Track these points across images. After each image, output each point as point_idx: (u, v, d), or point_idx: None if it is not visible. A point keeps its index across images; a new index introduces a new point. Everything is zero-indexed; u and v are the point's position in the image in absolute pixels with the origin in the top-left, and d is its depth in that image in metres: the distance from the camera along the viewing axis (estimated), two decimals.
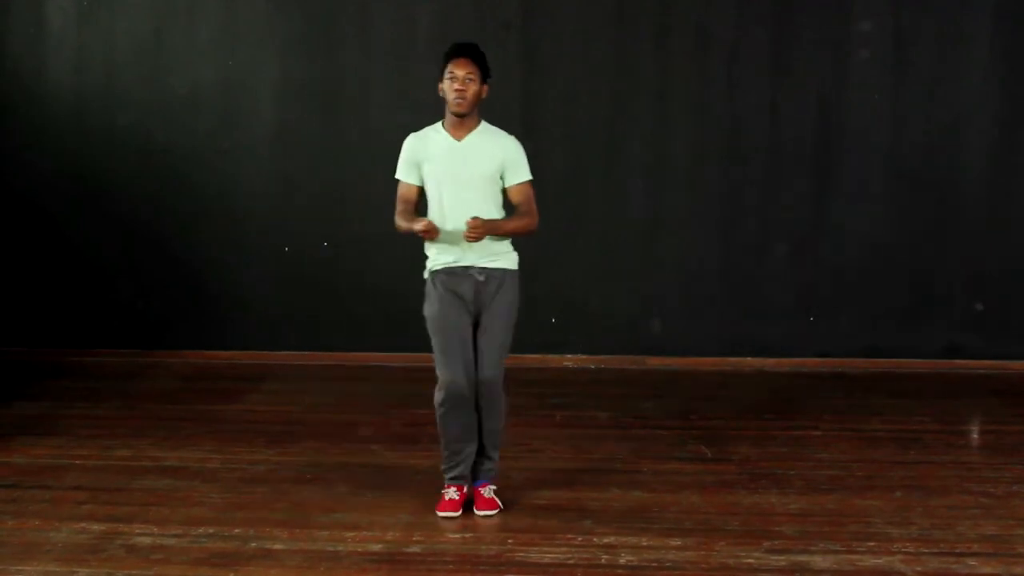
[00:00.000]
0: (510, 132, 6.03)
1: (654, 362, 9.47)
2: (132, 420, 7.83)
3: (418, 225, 5.77)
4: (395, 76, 9.59)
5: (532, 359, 9.47)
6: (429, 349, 9.52)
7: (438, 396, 6.01)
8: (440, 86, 6.04)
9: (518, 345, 9.47)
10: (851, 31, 9.32)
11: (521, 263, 9.35)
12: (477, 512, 5.92)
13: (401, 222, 5.99)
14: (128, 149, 9.74)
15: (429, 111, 9.51)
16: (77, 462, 6.83)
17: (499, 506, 5.96)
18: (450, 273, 5.91)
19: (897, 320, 9.46)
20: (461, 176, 5.90)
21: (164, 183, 9.74)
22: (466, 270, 5.90)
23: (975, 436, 7.81)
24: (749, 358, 9.48)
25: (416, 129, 9.70)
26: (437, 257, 5.96)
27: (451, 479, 6.02)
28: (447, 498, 5.96)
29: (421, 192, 6.06)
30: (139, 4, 9.70)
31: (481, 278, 5.92)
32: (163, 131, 9.72)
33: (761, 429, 7.54)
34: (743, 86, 9.41)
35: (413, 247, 9.59)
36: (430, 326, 6.00)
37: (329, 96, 9.67)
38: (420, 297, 9.51)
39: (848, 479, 6.46)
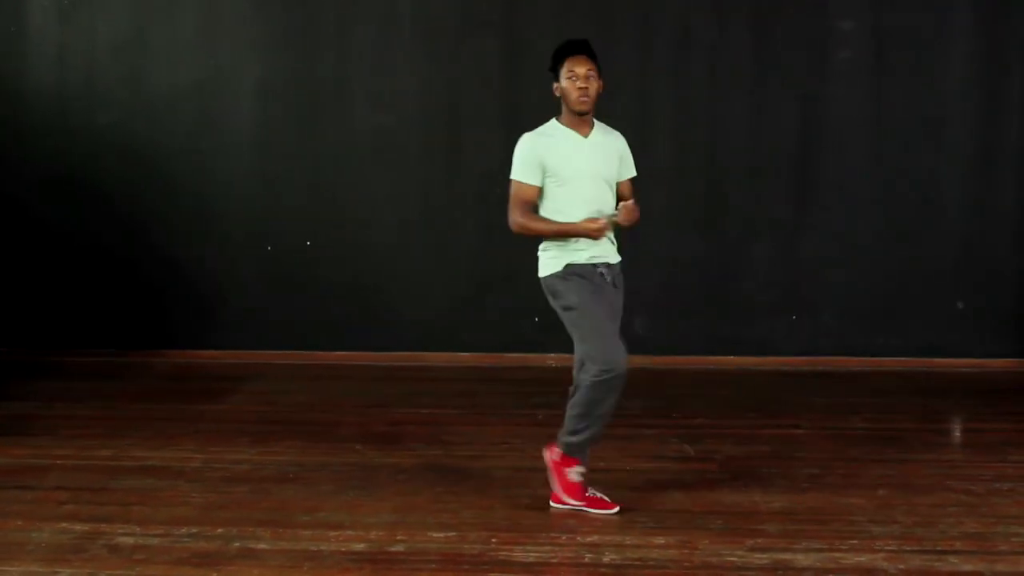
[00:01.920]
0: (490, 131, 6.01)
1: (636, 361, 9.29)
2: (114, 420, 7.81)
3: (596, 224, 5.72)
4: (376, 76, 9.60)
5: (514, 358, 9.49)
6: (411, 348, 9.65)
7: (601, 376, 5.86)
8: (556, 86, 5.93)
9: (499, 344, 9.57)
10: (831, 31, 9.35)
11: (506, 262, 9.40)
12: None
13: (549, 226, 5.83)
14: (110, 148, 9.73)
15: (410, 110, 9.60)
16: (59, 462, 6.80)
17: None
18: (586, 267, 5.83)
19: (878, 319, 9.49)
20: (599, 173, 5.89)
21: (146, 182, 9.74)
22: (595, 267, 5.84)
23: (956, 434, 7.84)
24: (731, 357, 9.50)
25: (396, 127, 9.77)
26: (573, 254, 5.84)
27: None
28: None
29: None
30: (120, 3, 9.70)
31: (608, 277, 5.88)
32: (145, 130, 9.71)
33: (743, 428, 7.55)
34: (724, 85, 9.44)
35: (392, 247, 9.67)
36: (578, 313, 5.86)
37: (310, 95, 9.67)
38: (400, 296, 9.63)
39: (830, 477, 6.47)
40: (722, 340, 9.55)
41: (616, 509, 5.86)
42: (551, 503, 5.94)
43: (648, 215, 9.48)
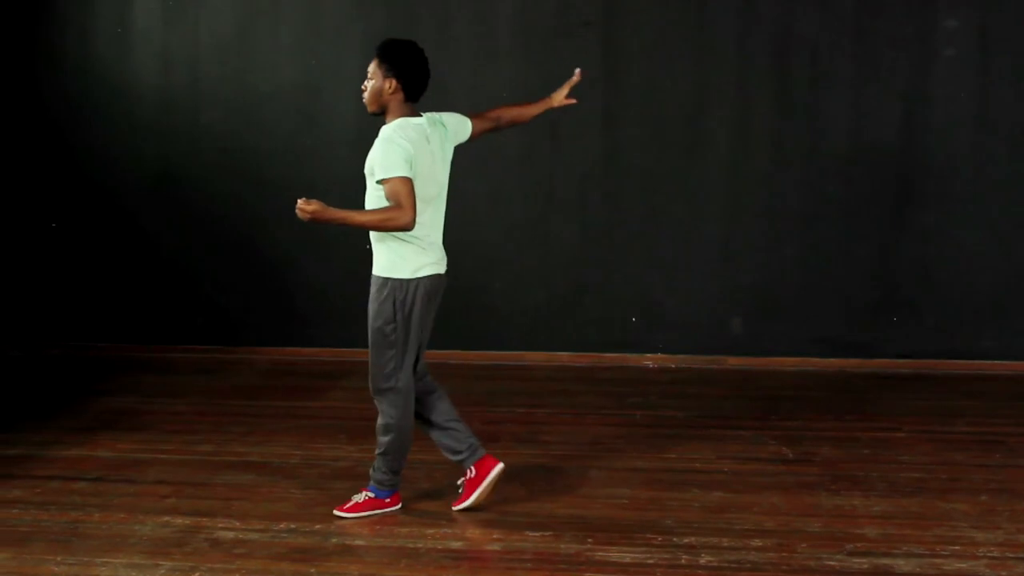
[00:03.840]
0: (589, 133, 5.91)
1: (734, 362, 9.42)
2: (214, 415, 7.92)
3: None
4: (475, 76, 9.62)
5: (611, 358, 9.46)
6: (508, 347, 9.69)
7: None
8: None
9: (597, 344, 9.54)
10: (936, 28, 9.21)
11: (604, 263, 9.31)
12: None
13: None
14: (212, 148, 9.87)
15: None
16: (161, 456, 6.92)
17: (347, 511, 5.92)
18: None
19: (983, 321, 9.33)
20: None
21: (247, 181, 9.85)
22: None
23: None
24: (830, 359, 9.39)
25: None
26: None
27: None
28: None
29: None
30: (223, 4, 9.81)
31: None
32: (247, 130, 9.83)
33: (843, 430, 7.48)
34: (825, 84, 9.33)
35: (492, 247, 9.69)
36: None
37: None
38: (499, 296, 9.66)
39: (931, 482, 6.39)
40: (821, 341, 9.44)
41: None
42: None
43: (746, 214, 9.49)
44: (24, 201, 10.13)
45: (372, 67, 5.92)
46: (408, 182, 5.65)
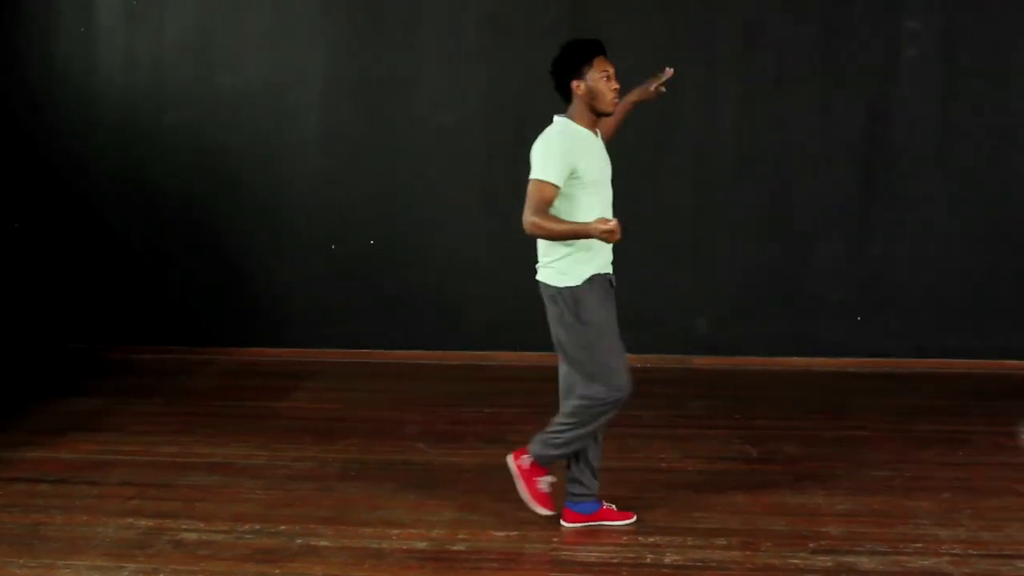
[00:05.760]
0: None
1: (701, 362, 9.43)
2: (179, 417, 7.88)
3: (608, 225, 5.35)
4: (443, 74, 9.60)
5: None
6: (475, 347, 9.63)
7: (611, 396, 5.72)
8: (578, 83, 5.62)
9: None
10: (901, 29, 9.24)
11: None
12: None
13: (562, 226, 5.52)
14: (177, 148, 9.81)
15: (476, 109, 9.61)
16: (125, 458, 6.88)
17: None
18: (604, 277, 5.75)
19: (947, 320, 9.37)
20: (608, 175, 5.81)
21: (213, 182, 9.81)
22: (606, 276, 5.79)
23: None
24: (796, 358, 9.42)
25: (462, 127, 9.76)
26: (591, 260, 5.70)
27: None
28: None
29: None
30: (188, 3, 9.77)
31: (613, 287, 5.84)
32: (211, 130, 9.77)
33: (808, 429, 7.50)
34: (792, 83, 9.35)
35: (461, 247, 9.68)
36: (597, 331, 5.68)
37: (377, 94, 9.68)
38: (468, 297, 9.63)
39: (895, 480, 6.41)
40: (788, 341, 9.46)
41: (633, 519, 5.78)
42: (563, 522, 5.73)
43: (713, 214, 9.50)
44: None
45: (612, 70, 5.72)
46: None
